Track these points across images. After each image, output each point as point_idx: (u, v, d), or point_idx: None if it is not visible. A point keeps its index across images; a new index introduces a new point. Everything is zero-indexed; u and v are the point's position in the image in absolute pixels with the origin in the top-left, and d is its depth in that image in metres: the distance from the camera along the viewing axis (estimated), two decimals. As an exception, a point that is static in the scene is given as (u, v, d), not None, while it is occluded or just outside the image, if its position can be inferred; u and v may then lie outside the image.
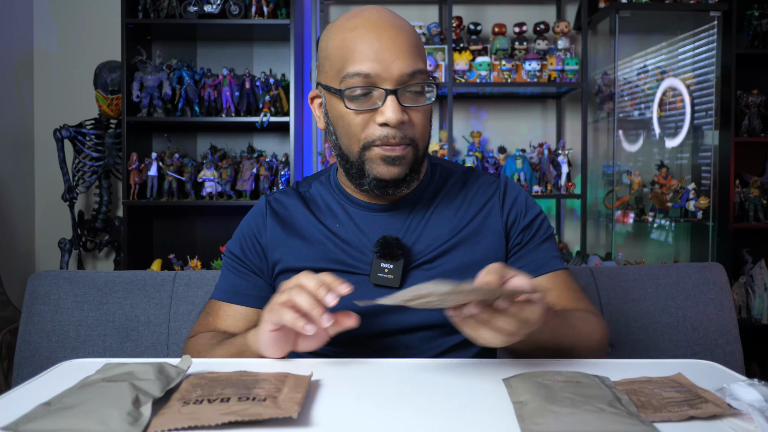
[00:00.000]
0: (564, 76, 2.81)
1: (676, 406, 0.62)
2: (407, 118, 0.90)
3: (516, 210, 1.02)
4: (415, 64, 0.89)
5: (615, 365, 0.81)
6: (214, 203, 2.75)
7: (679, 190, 2.89)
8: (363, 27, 0.90)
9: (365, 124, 0.91)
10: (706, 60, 2.92)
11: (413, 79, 0.89)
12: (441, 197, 1.02)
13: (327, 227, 1.00)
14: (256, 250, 1.02)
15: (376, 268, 0.95)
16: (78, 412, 0.58)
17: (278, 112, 2.80)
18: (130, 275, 1.36)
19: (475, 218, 1.00)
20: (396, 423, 0.60)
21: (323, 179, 1.07)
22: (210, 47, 3.06)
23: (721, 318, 1.33)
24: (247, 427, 0.57)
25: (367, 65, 0.88)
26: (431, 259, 0.97)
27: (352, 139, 0.92)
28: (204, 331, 1.01)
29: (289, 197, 1.05)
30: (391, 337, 0.96)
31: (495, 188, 1.03)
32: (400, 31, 0.90)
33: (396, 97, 0.88)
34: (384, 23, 0.90)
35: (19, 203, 2.95)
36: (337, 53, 0.91)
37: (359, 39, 0.89)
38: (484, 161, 2.86)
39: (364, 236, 0.98)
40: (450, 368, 0.78)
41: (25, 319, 1.30)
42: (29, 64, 3.03)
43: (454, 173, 1.05)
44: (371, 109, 0.90)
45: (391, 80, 0.88)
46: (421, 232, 0.98)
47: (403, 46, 0.89)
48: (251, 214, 1.06)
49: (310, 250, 0.98)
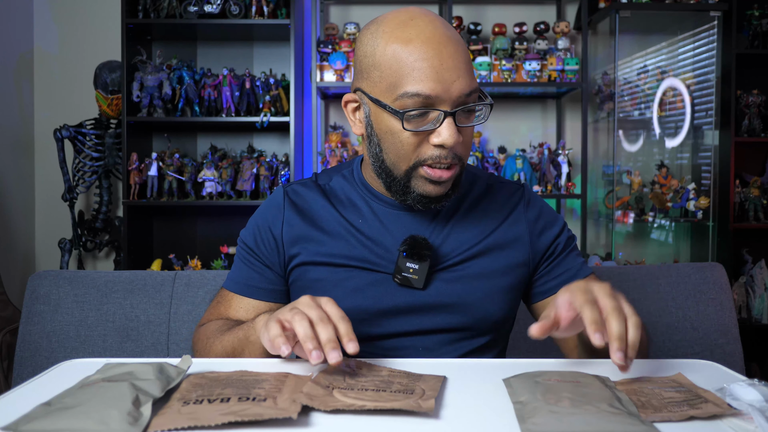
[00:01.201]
0: (564, 76, 2.81)
1: (676, 406, 0.62)
2: (461, 138, 0.88)
3: (543, 221, 1.02)
4: (473, 84, 0.87)
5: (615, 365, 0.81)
6: (214, 203, 2.75)
7: (679, 190, 2.89)
8: (420, 40, 0.84)
9: (418, 143, 0.88)
10: (706, 60, 2.92)
11: (469, 99, 0.87)
12: (467, 202, 1.01)
13: (349, 221, 0.97)
14: (269, 243, 0.99)
15: (401, 267, 0.93)
16: (78, 412, 0.58)
17: (278, 112, 2.80)
18: (130, 275, 1.36)
19: (501, 226, 1.00)
20: (396, 423, 0.60)
21: (346, 173, 1.03)
22: (210, 47, 3.06)
23: (721, 318, 1.33)
24: (247, 427, 0.57)
25: (428, 86, 0.84)
26: (457, 263, 0.96)
27: (401, 157, 0.89)
28: (216, 319, 1.01)
29: (308, 189, 1.02)
30: (411, 337, 0.95)
31: (519, 197, 1.03)
32: (458, 47, 0.86)
33: (453, 119, 0.86)
34: (442, 37, 0.85)
35: (19, 203, 2.95)
36: (390, 65, 0.86)
37: (417, 55, 0.84)
38: (484, 161, 2.86)
39: (388, 233, 0.96)
40: (450, 368, 0.78)
41: (25, 319, 1.30)
42: (29, 63, 3.03)
43: (479, 178, 1.04)
44: (426, 130, 0.87)
45: (450, 101, 0.85)
46: (447, 235, 0.97)
47: (462, 65, 0.85)
48: (267, 205, 1.03)
49: (331, 245, 0.96)
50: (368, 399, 0.63)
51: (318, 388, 0.66)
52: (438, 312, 0.95)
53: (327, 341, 0.71)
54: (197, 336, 1.00)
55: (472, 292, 0.95)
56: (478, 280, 0.96)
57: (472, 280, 0.96)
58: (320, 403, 0.62)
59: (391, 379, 0.71)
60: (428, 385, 0.69)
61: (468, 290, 0.95)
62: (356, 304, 0.93)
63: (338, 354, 0.70)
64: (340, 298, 0.90)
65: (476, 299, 0.95)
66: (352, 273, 0.95)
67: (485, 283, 0.96)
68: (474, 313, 0.95)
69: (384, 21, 0.89)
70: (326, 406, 0.61)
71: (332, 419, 0.61)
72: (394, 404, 0.61)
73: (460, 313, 0.95)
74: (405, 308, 0.94)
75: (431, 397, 0.65)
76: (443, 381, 0.72)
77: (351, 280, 0.95)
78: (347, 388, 0.67)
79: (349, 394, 0.64)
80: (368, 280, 0.95)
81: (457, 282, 0.95)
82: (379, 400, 0.63)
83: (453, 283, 0.95)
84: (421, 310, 0.95)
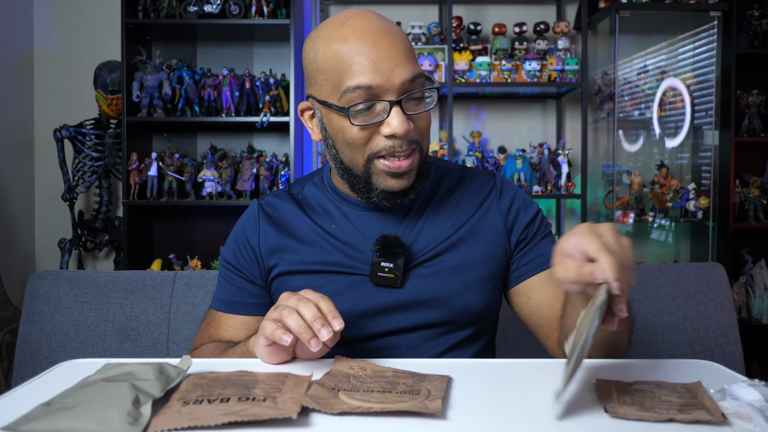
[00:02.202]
0: (564, 76, 2.81)
1: (665, 410, 0.61)
2: (412, 126, 0.88)
3: (516, 207, 1.02)
4: (414, 69, 0.87)
5: (616, 365, 0.81)
6: (214, 203, 2.75)
7: (679, 190, 2.89)
8: (356, 37, 0.86)
9: (369, 136, 0.88)
10: (706, 60, 2.92)
11: (414, 85, 0.87)
12: (438, 196, 1.01)
13: (322, 228, 0.98)
14: (249, 256, 1.00)
15: (377, 268, 0.94)
16: (78, 412, 0.58)
17: (278, 112, 2.80)
18: (130, 275, 1.36)
19: (473, 216, 1.00)
20: (396, 423, 0.60)
21: (316, 180, 1.05)
22: (210, 47, 3.06)
23: (721, 318, 1.33)
24: (246, 428, 0.57)
25: (367, 77, 0.85)
26: (431, 257, 0.96)
27: (356, 152, 0.90)
28: (207, 342, 1.01)
29: (281, 200, 1.03)
30: (393, 336, 0.96)
31: (491, 186, 1.03)
32: (394, 38, 0.87)
33: (400, 107, 0.86)
34: (376, 31, 0.87)
35: (19, 203, 2.95)
36: (331, 66, 0.87)
37: (354, 50, 0.86)
38: (484, 161, 2.86)
39: (361, 235, 0.97)
40: (454, 368, 0.78)
41: (25, 319, 1.30)
42: (29, 64, 3.03)
43: (449, 171, 1.04)
44: (376, 122, 0.87)
45: (393, 90, 0.86)
46: (419, 231, 0.98)
47: (400, 53, 0.87)
48: (243, 220, 1.04)
49: (307, 253, 0.97)
50: (375, 401, 0.63)
51: (323, 390, 0.66)
52: (417, 308, 0.95)
53: (313, 319, 0.74)
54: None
55: (450, 285, 0.95)
56: (454, 273, 0.96)
57: (449, 274, 0.96)
58: (326, 405, 0.62)
59: (396, 379, 0.71)
60: (434, 386, 0.68)
61: (445, 284, 0.95)
62: (336, 307, 0.92)
63: (328, 330, 0.74)
64: None
65: (454, 292, 0.95)
66: (329, 278, 0.96)
67: (462, 276, 0.96)
68: (453, 307, 0.95)
69: (323, 26, 0.91)
70: (333, 409, 0.61)
71: (333, 419, 0.61)
72: (400, 405, 0.61)
73: (439, 307, 0.95)
74: (384, 308, 0.95)
75: (438, 397, 0.64)
76: (449, 381, 0.72)
77: (329, 285, 0.95)
78: (352, 389, 0.67)
79: (355, 396, 0.64)
80: (346, 283, 0.95)
81: (433, 277, 0.95)
82: (385, 402, 0.62)
83: (429, 278, 0.95)
84: (400, 308, 0.95)
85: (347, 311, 0.93)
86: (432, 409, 0.61)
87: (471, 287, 0.96)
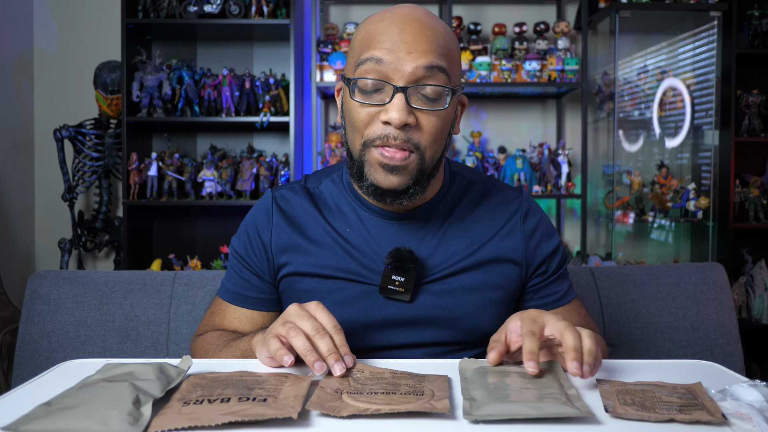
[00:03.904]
0: (564, 76, 2.81)
1: (665, 410, 0.61)
2: (414, 120, 0.83)
3: (539, 234, 0.98)
4: (433, 61, 0.83)
5: (616, 366, 0.81)
6: (214, 203, 2.75)
7: (679, 190, 2.89)
8: (389, 20, 0.85)
9: (370, 120, 0.85)
10: (706, 60, 2.92)
11: (429, 79, 0.83)
12: (460, 209, 0.97)
13: (336, 230, 0.95)
14: (259, 251, 0.98)
15: (387, 280, 0.90)
16: (78, 412, 0.58)
17: (278, 112, 2.80)
18: (130, 275, 1.36)
19: (495, 237, 0.96)
20: (395, 423, 0.60)
21: (335, 177, 1.01)
22: (210, 47, 3.06)
23: (721, 318, 1.33)
24: (247, 428, 0.57)
25: (380, 52, 0.83)
26: (446, 276, 0.93)
27: (356, 135, 0.87)
28: (211, 330, 1.00)
29: (296, 194, 0.99)
30: (399, 350, 0.94)
31: (517, 206, 0.99)
32: (424, 27, 0.84)
33: (405, 96, 0.82)
34: (411, 18, 0.85)
35: (19, 203, 2.95)
36: (359, 43, 0.87)
37: (382, 30, 0.84)
38: (484, 161, 2.86)
39: (375, 244, 0.94)
40: (446, 368, 0.78)
41: (25, 319, 1.30)
42: (29, 64, 3.03)
43: (474, 183, 1.00)
44: (377, 105, 0.84)
45: (403, 75, 0.82)
46: (437, 246, 0.94)
47: (423, 43, 0.83)
48: (256, 211, 1.01)
49: (319, 255, 0.94)
50: (381, 402, 0.63)
51: (326, 393, 0.66)
52: (426, 326, 0.93)
53: (328, 354, 0.72)
54: (195, 347, 1.00)
55: (462, 305, 0.92)
56: (468, 294, 0.93)
57: (462, 294, 0.93)
58: (333, 409, 0.61)
59: (396, 381, 0.70)
60: (435, 386, 0.68)
61: (457, 304, 0.92)
62: (344, 316, 0.90)
63: (342, 365, 0.71)
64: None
65: (465, 313, 0.93)
66: (340, 284, 0.93)
67: (475, 297, 0.93)
68: (463, 327, 0.93)
69: (371, 15, 0.91)
70: (341, 412, 0.61)
71: (332, 420, 0.61)
72: (408, 406, 0.61)
73: (448, 327, 0.93)
74: (393, 321, 0.92)
75: (443, 397, 0.64)
76: (449, 381, 0.72)
77: (339, 292, 0.93)
78: (355, 392, 0.66)
79: (360, 399, 0.64)
80: (356, 291, 0.93)
81: (446, 295, 0.92)
82: (391, 403, 0.62)
83: (442, 296, 0.92)
84: (409, 323, 0.92)
85: (355, 321, 0.92)
86: (440, 409, 0.61)
87: (483, 309, 0.93)
